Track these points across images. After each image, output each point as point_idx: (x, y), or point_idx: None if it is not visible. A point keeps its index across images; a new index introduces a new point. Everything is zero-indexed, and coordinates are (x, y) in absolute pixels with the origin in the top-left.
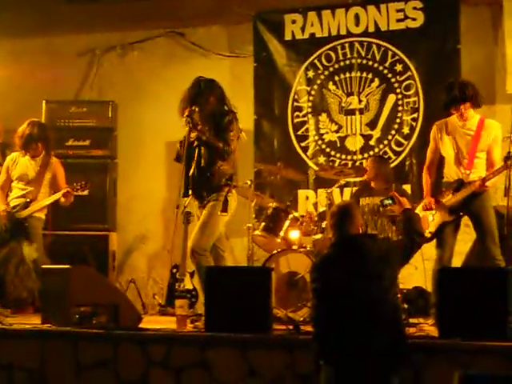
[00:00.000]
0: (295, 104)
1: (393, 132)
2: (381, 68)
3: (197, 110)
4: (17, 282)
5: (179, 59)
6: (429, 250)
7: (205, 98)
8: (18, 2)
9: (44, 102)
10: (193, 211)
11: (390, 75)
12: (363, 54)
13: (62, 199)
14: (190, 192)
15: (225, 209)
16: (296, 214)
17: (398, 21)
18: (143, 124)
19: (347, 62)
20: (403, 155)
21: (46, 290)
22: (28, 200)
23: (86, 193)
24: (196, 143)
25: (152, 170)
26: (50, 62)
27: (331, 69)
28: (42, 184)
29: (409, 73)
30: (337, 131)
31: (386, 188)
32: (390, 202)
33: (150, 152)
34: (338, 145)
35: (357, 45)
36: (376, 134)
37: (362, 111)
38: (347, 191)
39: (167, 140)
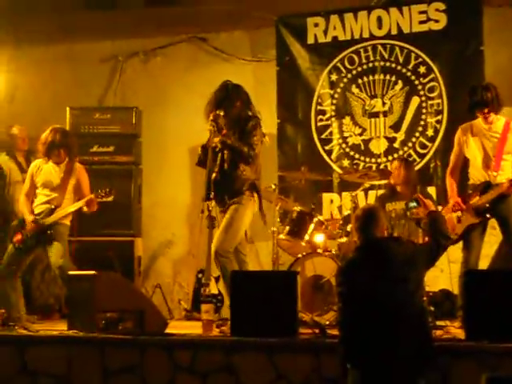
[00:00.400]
0: (318, 107)
1: (417, 134)
2: (404, 70)
3: (222, 114)
4: (43, 289)
5: (201, 64)
6: (455, 252)
7: (231, 102)
8: (39, 9)
9: (68, 108)
10: (216, 216)
11: (413, 77)
12: (386, 56)
13: (85, 208)
14: (212, 195)
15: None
16: (321, 218)
17: (421, 23)
18: (166, 130)
19: (370, 64)
20: (428, 157)
21: (72, 297)
22: (52, 207)
23: (110, 199)
24: (219, 147)
25: (176, 176)
26: (72, 69)
27: (354, 72)
28: (66, 190)
29: (432, 75)
30: (360, 134)
31: (412, 191)
32: (415, 204)
33: (173, 157)
34: (362, 148)
35: (380, 47)
36: (400, 136)
37: (385, 114)
38: (372, 194)
39: (190, 145)
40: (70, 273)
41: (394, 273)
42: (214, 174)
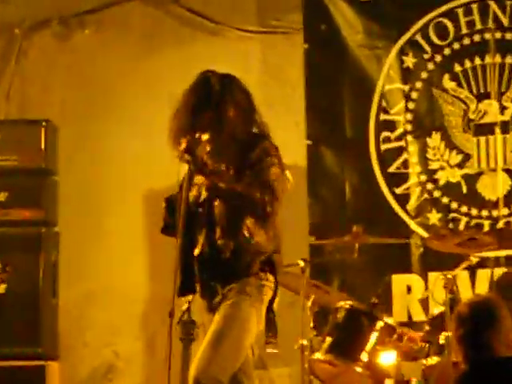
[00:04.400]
0: (383, 117)
1: None
2: None
3: (204, 137)
4: None
5: (169, 41)
6: None
7: (219, 111)
8: None
9: None
10: (199, 319)
11: None
12: (506, 22)
13: None
14: (193, 285)
15: (271, 328)
16: (390, 321)
17: None
18: (105, 160)
19: (476, 37)
20: None
21: None
22: None
23: (1, 290)
24: (204, 196)
25: (121, 245)
26: None
27: (447, 51)
28: None
29: None
30: (461, 165)
31: None
32: None
33: (116, 211)
34: (464, 190)
35: (493, 6)
36: None
37: (506, 127)
38: (483, 275)
39: (148, 188)
40: None
41: None
42: (196, 248)
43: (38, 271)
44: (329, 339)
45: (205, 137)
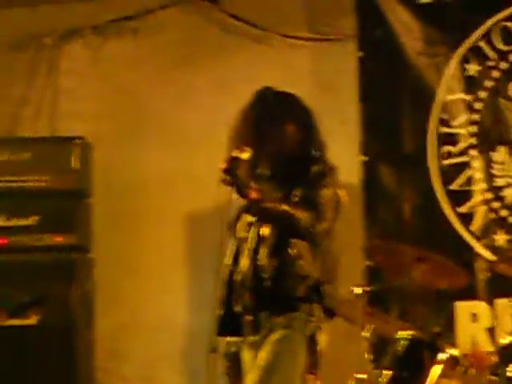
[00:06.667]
0: (443, 129)
1: None
2: None
3: (246, 155)
4: None
5: (209, 50)
6: None
7: (274, 129)
8: None
9: None
10: (243, 355)
11: None
12: None
13: None
14: (237, 308)
15: (312, 362)
16: (454, 352)
17: None
18: (141, 178)
19: None
20: None
21: None
22: None
23: (33, 321)
24: (247, 219)
25: (162, 272)
26: None
27: None
28: None
29: None
30: None
31: None
32: None
33: (154, 236)
34: None
35: None
36: None
37: None
38: None
39: (189, 211)
40: None
41: None
42: (237, 273)
43: (72, 301)
44: (387, 373)
45: (246, 155)
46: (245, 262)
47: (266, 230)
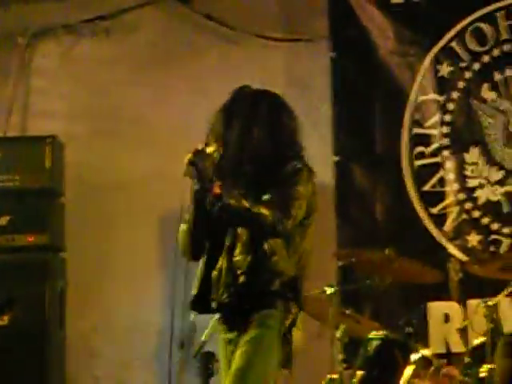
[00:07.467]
0: (416, 130)
1: None
2: None
3: (211, 149)
4: None
5: (182, 49)
6: None
7: (246, 128)
8: None
9: None
10: (218, 351)
11: None
12: None
13: None
14: (213, 305)
15: (286, 358)
16: (426, 353)
17: None
18: (113, 177)
19: None
20: None
21: None
22: None
23: (4, 321)
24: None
25: (135, 272)
26: None
27: (486, 58)
28: None
29: None
30: (502, 182)
31: None
32: None
33: (127, 235)
34: (506, 209)
35: None
36: None
37: None
38: None
39: (161, 210)
40: None
41: None
42: (215, 268)
43: (44, 301)
44: (360, 373)
45: (210, 149)
46: (221, 259)
47: (239, 230)
